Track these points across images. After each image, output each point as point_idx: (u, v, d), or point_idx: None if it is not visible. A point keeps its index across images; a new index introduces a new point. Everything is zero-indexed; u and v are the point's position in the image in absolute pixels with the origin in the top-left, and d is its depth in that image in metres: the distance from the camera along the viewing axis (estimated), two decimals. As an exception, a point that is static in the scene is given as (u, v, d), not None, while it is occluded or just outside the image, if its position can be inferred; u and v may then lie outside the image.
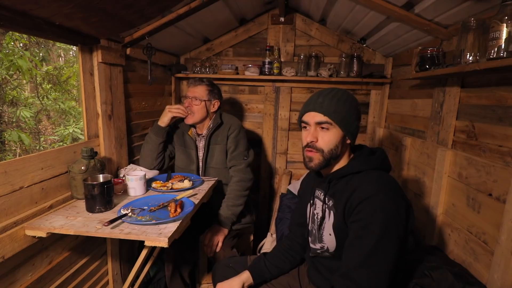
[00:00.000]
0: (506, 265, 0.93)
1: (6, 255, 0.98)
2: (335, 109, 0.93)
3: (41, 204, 1.17)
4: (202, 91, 1.71)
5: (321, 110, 0.94)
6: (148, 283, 1.75)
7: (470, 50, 1.10)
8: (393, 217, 0.84)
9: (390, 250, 0.83)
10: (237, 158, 1.74)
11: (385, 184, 0.89)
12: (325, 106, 0.93)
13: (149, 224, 1.07)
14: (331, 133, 0.95)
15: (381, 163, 0.97)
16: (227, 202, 1.70)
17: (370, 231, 0.84)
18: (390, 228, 0.83)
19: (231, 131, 1.74)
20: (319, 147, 0.96)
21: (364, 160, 0.97)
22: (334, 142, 0.95)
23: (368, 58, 2.26)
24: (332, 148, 0.95)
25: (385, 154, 1.01)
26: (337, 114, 0.93)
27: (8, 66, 3.10)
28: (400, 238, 0.85)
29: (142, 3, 1.13)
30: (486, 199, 1.08)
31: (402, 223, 0.85)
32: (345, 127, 0.95)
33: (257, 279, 1.16)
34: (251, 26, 2.32)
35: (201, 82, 1.74)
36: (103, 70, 1.46)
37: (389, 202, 0.85)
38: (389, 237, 0.83)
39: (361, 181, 0.92)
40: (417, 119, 1.74)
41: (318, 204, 1.06)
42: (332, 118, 0.93)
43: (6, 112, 3.87)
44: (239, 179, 1.72)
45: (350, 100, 0.97)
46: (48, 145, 4.35)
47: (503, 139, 1.07)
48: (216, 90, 1.76)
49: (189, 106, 1.69)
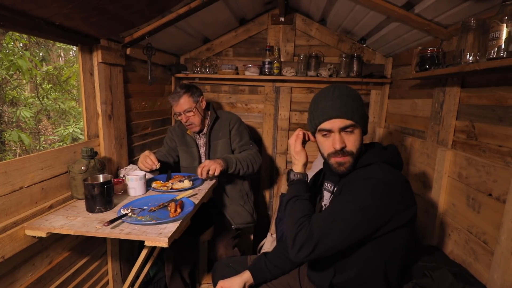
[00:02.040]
0: (506, 265, 0.93)
1: (6, 255, 0.98)
2: (353, 110, 0.93)
3: (41, 204, 1.17)
4: (186, 100, 1.69)
5: (344, 115, 0.92)
6: (148, 283, 1.75)
7: (470, 50, 1.10)
8: (377, 206, 0.85)
9: (356, 222, 0.85)
10: (245, 146, 1.78)
11: (385, 176, 0.89)
12: (344, 109, 0.92)
13: (149, 224, 1.07)
14: (356, 134, 0.95)
15: (392, 158, 0.98)
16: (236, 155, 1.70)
17: (350, 199, 0.87)
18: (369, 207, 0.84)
19: (232, 125, 1.78)
20: (349, 151, 0.94)
21: (376, 153, 0.98)
22: (359, 141, 0.96)
23: (368, 58, 2.26)
24: (359, 147, 0.96)
25: (397, 150, 1.02)
26: (356, 115, 0.93)
27: (8, 66, 3.10)
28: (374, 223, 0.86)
29: (142, 3, 1.13)
30: (486, 199, 1.08)
31: (385, 213, 0.85)
32: (364, 123, 0.97)
33: (258, 279, 1.16)
34: (251, 26, 2.32)
35: (178, 93, 1.70)
36: (103, 70, 1.46)
37: (383, 191, 0.86)
38: (363, 213, 0.85)
39: (366, 172, 0.93)
40: (417, 119, 1.74)
41: (326, 195, 1.08)
42: (355, 120, 0.93)
43: (6, 112, 3.87)
44: (251, 153, 1.73)
45: (357, 94, 0.98)
46: (48, 145, 4.35)
47: (503, 139, 1.07)
48: (194, 89, 1.74)
49: (187, 119, 1.70)
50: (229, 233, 1.76)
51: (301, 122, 2.43)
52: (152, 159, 1.48)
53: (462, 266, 1.14)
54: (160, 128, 2.16)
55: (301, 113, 2.42)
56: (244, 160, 1.66)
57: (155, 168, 1.49)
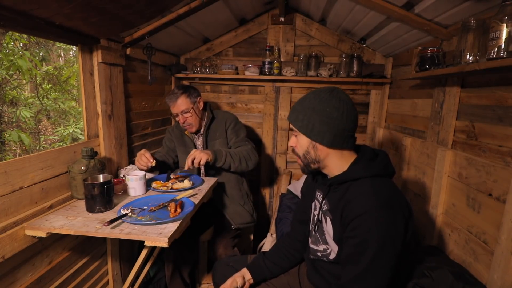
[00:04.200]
0: (506, 265, 0.93)
1: (6, 255, 0.98)
2: (296, 117, 0.96)
3: (41, 204, 1.17)
4: (184, 101, 1.68)
5: (291, 118, 0.99)
6: (148, 283, 1.75)
7: (470, 50, 1.10)
8: (390, 234, 0.82)
9: (386, 266, 0.83)
10: (240, 142, 1.77)
11: (383, 197, 0.85)
12: (295, 113, 0.97)
13: (149, 224, 1.07)
14: (300, 138, 0.97)
15: (383, 169, 0.93)
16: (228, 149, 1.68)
17: (367, 248, 0.82)
18: (386, 245, 0.82)
19: (228, 124, 1.78)
20: (296, 152, 1.01)
21: (365, 166, 0.93)
22: (304, 147, 0.97)
23: (368, 58, 2.26)
24: (303, 153, 0.98)
25: (388, 159, 0.97)
26: (297, 122, 0.96)
27: (8, 66, 3.10)
28: (397, 252, 0.83)
29: (142, 3, 1.13)
30: (486, 199, 1.08)
31: (399, 238, 0.84)
32: (309, 134, 0.94)
33: (256, 277, 1.15)
34: (251, 26, 2.32)
35: (175, 94, 1.69)
36: (103, 70, 1.46)
37: (385, 219, 0.83)
38: (385, 254, 0.82)
39: (357, 191, 0.88)
40: (417, 119, 1.74)
41: (317, 205, 1.06)
42: (297, 127, 0.97)
43: (6, 112, 3.87)
44: (246, 149, 1.71)
45: (323, 105, 0.93)
46: (48, 145, 4.35)
47: (503, 139, 1.07)
48: (191, 90, 1.74)
49: (185, 121, 1.70)
50: (228, 233, 1.76)
51: (301, 122, 2.43)
52: (147, 157, 1.50)
53: (462, 266, 1.14)
54: (160, 128, 2.16)
55: (301, 113, 2.42)
56: (236, 155, 1.63)
57: (150, 165, 1.50)
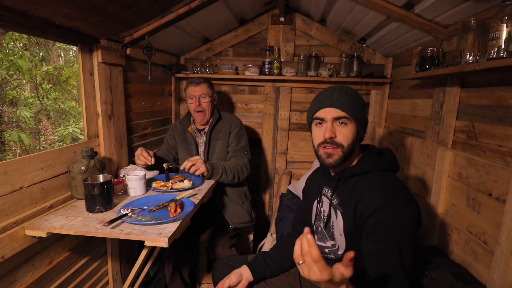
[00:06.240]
0: (506, 265, 0.93)
1: (6, 255, 0.98)
2: (350, 105, 0.94)
3: (41, 204, 1.17)
4: (206, 88, 1.74)
5: (339, 106, 0.94)
6: (148, 283, 1.75)
7: (470, 50, 1.10)
8: (408, 222, 0.85)
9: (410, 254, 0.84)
10: (239, 152, 1.77)
11: (396, 189, 0.90)
12: (341, 101, 0.94)
13: (149, 224, 1.07)
14: (348, 128, 0.95)
15: (390, 164, 0.97)
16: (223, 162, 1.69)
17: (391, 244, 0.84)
18: (407, 234, 0.84)
19: (233, 128, 1.78)
20: (339, 142, 0.94)
21: (373, 160, 0.97)
22: (351, 137, 0.95)
23: (368, 58, 2.26)
24: (350, 143, 0.95)
25: (394, 155, 1.01)
26: (352, 109, 0.94)
27: (8, 66, 3.10)
28: (413, 241, 0.86)
29: (142, 3, 1.13)
30: (486, 199, 1.08)
31: (415, 226, 0.86)
32: (360, 122, 0.96)
33: (256, 274, 1.15)
34: (251, 26, 2.32)
35: (201, 80, 1.76)
36: (103, 70, 1.46)
37: (402, 210, 0.85)
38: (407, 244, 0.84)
39: (369, 185, 0.91)
40: (417, 119, 1.74)
41: (325, 201, 1.06)
42: (349, 113, 0.94)
43: (6, 112, 3.87)
44: (241, 164, 1.73)
45: (359, 96, 0.99)
46: (48, 145, 4.35)
47: (503, 139, 1.07)
48: (212, 86, 1.81)
49: (199, 104, 1.71)
50: (226, 233, 1.76)
51: (301, 122, 2.43)
52: (145, 156, 1.51)
53: (462, 266, 1.15)
54: (160, 128, 2.16)
55: (301, 113, 2.42)
56: (231, 171, 1.67)
57: (149, 163, 1.51)
